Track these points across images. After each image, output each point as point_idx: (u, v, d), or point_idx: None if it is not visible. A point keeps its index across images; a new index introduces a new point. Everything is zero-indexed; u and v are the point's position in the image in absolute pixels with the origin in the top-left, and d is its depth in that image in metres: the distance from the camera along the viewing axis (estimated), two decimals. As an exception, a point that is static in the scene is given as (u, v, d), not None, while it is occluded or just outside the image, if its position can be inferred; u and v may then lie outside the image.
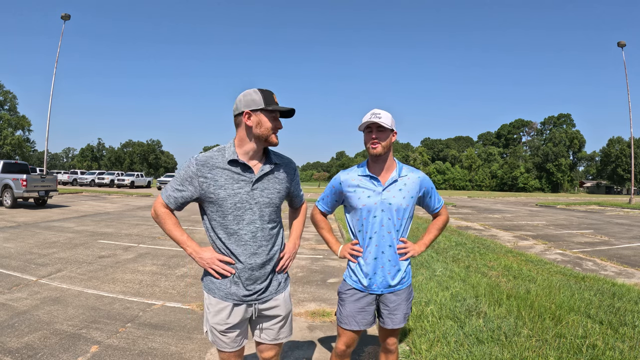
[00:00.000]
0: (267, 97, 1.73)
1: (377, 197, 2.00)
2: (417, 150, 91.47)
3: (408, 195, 2.02)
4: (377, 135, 1.95)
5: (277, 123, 1.77)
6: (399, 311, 2.06)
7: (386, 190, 2.01)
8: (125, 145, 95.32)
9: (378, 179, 2.02)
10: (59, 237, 8.21)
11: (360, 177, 2.05)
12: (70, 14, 27.12)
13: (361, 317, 2.05)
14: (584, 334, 3.18)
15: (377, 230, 2.01)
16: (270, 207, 1.79)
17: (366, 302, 2.05)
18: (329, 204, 2.20)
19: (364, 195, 2.02)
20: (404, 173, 2.06)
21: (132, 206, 16.85)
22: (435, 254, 6.67)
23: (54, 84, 26.91)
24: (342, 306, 2.09)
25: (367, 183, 2.03)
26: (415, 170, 2.10)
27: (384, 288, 2.04)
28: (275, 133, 1.76)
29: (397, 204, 2.00)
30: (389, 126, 1.93)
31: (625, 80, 30.70)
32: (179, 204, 1.79)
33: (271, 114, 1.74)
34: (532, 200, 34.57)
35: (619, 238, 10.20)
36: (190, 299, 4.41)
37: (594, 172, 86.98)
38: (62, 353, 2.96)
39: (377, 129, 1.95)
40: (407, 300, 2.09)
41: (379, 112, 1.96)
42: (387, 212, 2.00)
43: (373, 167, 2.05)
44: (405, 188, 2.03)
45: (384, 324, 2.09)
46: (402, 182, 2.03)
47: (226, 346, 1.84)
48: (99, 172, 40.34)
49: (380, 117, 1.94)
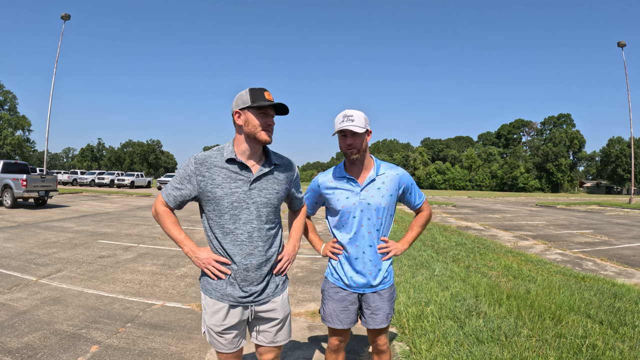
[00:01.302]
0: (255, 95, 1.71)
1: (356, 198, 2.00)
2: (417, 150, 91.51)
3: (387, 193, 2.01)
4: (352, 142, 1.93)
5: (267, 120, 1.73)
6: (381, 311, 2.06)
7: (364, 190, 2.00)
8: (125, 145, 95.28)
9: (355, 180, 2.01)
10: (59, 237, 8.21)
11: (338, 178, 2.05)
12: (70, 14, 27.14)
13: (344, 315, 2.06)
14: (584, 334, 3.18)
15: (356, 230, 2.01)
16: (267, 208, 1.78)
17: (348, 301, 2.06)
18: (310, 206, 2.20)
19: (342, 197, 2.02)
20: (381, 171, 2.05)
21: (132, 206, 16.85)
22: (435, 254, 6.67)
23: (54, 84, 26.95)
24: (325, 304, 2.11)
25: (345, 184, 2.03)
26: (393, 167, 2.08)
27: (365, 288, 2.05)
28: (265, 130, 1.73)
29: (376, 204, 1.99)
30: (362, 130, 1.90)
31: (625, 80, 30.74)
32: (178, 203, 1.79)
33: (258, 111, 1.71)
34: (532, 200, 34.57)
35: (619, 238, 10.20)
36: (190, 299, 4.41)
37: (594, 172, 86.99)
38: (62, 353, 2.96)
39: (352, 135, 1.93)
40: (389, 300, 2.09)
41: (351, 115, 1.91)
42: (366, 212, 1.99)
43: (350, 168, 2.05)
44: (384, 186, 2.02)
45: (366, 324, 2.10)
46: (380, 180, 2.02)
47: (224, 347, 1.83)
48: (99, 172, 40.36)
49: (353, 120, 1.90)
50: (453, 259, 6.42)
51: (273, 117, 1.76)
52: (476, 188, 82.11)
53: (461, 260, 6.28)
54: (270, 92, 1.76)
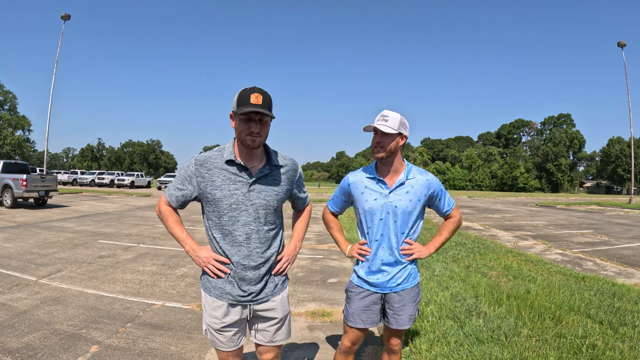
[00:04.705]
0: (240, 99, 1.64)
1: (383, 200, 2.01)
2: (417, 150, 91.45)
3: (415, 198, 2.02)
4: (381, 140, 1.96)
5: (250, 125, 1.65)
6: (404, 312, 2.07)
7: (393, 193, 2.01)
8: (125, 145, 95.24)
9: (385, 182, 2.02)
10: (59, 237, 8.21)
11: (368, 178, 2.07)
12: (70, 14, 27.13)
13: (366, 315, 2.07)
14: (584, 334, 3.18)
15: (383, 232, 2.02)
16: (266, 209, 1.77)
17: (371, 301, 2.07)
18: (338, 205, 2.23)
19: (370, 198, 2.03)
20: (411, 175, 2.05)
21: (132, 206, 16.85)
22: (435, 254, 6.67)
23: (54, 84, 26.94)
24: (349, 304, 2.12)
25: (375, 185, 2.04)
26: (424, 173, 2.08)
27: (388, 288, 2.06)
28: (249, 136, 1.66)
29: (403, 207, 2.00)
30: (394, 131, 1.92)
31: (625, 80, 30.73)
32: (180, 202, 1.82)
33: (241, 117, 1.66)
34: (532, 200, 34.56)
35: (619, 238, 10.20)
36: (190, 299, 4.41)
37: (594, 172, 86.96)
38: (62, 353, 2.96)
39: (382, 134, 1.96)
40: (413, 301, 2.09)
41: (387, 115, 1.96)
42: (393, 215, 2.01)
43: (381, 169, 2.06)
44: (412, 191, 2.02)
45: (389, 324, 2.11)
46: (409, 184, 2.03)
47: (223, 345, 1.83)
48: (99, 172, 40.31)
49: (387, 120, 1.94)
50: (453, 259, 6.42)
51: (259, 121, 1.67)
52: (476, 188, 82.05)
53: (461, 260, 6.28)
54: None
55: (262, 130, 1.69)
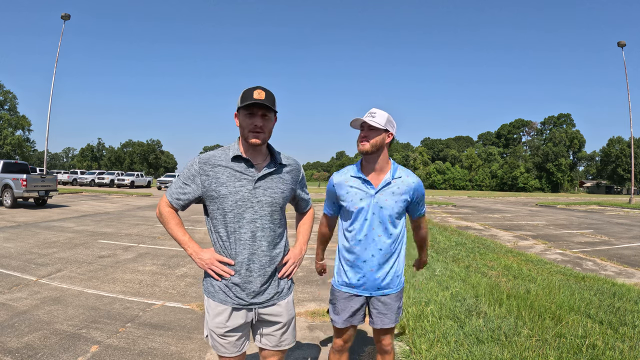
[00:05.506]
0: (244, 96, 1.67)
1: (369, 200, 1.99)
2: (417, 150, 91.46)
3: (400, 199, 2.00)
4: (366, 134, 1.96)
5: (253, 120, 1.68)
6: (389, 312, 2.06)
7: (379, 193, 1.99)
8: (125, 145, 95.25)
9: (370, 182, 2.00)
10: (59, 237, 8.21)
11: (353, 178, 2.04)
12: (70, 14, 27.12)
13: (351, 315, 2.07)
14: (584, 334, 3.18)
15: (367, 232, 2.00)
16: (272, 207, 1.75)
17: (356, 302, 2.07)
18: (330, 206, 2.20)
19: (356, 198, 2.01)
20: (397, 175, 2.03)
21: (132, 206, 16.85)
22: (435, 254, 6.67)
23: (54, 84, 26.94)
24: (333, 304, 2.12)
25: (360, 185, 2.02)
26: (411, 174, 2.06)
27: (373, 290, 2.05)
28: (252, 132, 1.68)
29: (389, 208, 1.98)
30: (380, 126, 1.92)
31: (625, 80, 30.74)
32: (182, 204, 1.78)
33: (244, 111, 1.69)
34: (532, 200, 34.56)
35: (619, 238, 10.20)
36: (190, 299, 4.41)
37: (594, 172, 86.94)
38: (62, 353, 2.95)
39: (368, 128, 1.95)
40: (396, 301, 2.09)
41: (374, 112, 1.97)
42: (378, 216, 1.98)
43: (366, 167, 2.04)
44: (398, 191, 2.00)
45: (373, 324, 2.10)
46: (395, 185, 2.01)
47: (226, 351, 1.77)
48: (99, 172, 40.32)
49: (375, 116, 1.94)
50: (453, 258, 6.42)
51: (262, 116, 1.69)
52: (476, 188, 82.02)
53: (461, 260, 6.28)
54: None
55: (266, 125, 1.70)
